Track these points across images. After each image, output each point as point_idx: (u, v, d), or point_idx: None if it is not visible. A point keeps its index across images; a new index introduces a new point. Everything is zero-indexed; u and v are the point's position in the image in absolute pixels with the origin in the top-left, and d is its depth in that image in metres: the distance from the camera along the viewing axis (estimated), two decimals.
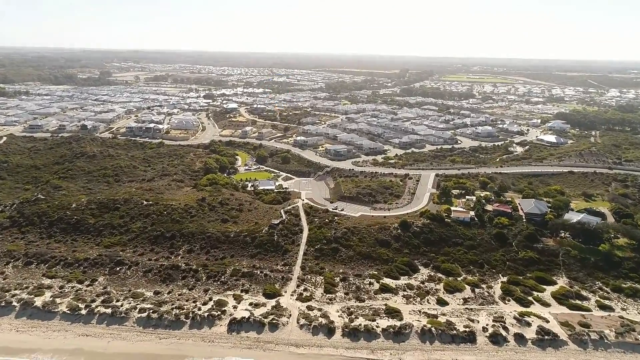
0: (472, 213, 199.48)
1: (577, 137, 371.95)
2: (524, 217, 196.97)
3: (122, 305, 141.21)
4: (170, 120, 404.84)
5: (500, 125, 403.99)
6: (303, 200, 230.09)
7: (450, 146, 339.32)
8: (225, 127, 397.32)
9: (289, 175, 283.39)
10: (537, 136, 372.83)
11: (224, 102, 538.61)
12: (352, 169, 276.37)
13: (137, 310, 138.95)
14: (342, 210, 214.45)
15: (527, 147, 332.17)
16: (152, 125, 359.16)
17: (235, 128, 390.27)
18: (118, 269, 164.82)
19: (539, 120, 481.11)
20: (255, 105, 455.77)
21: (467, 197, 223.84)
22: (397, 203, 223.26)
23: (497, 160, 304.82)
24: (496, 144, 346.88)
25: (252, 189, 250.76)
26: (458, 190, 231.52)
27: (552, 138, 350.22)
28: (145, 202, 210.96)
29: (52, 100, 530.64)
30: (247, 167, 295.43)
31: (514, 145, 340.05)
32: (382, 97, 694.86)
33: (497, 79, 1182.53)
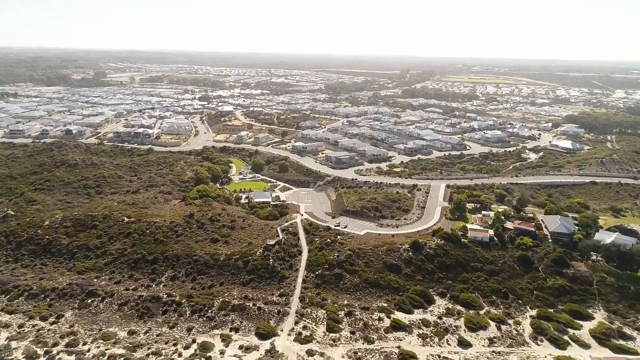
0: (490, 232, 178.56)
1: (592, 142, 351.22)
2: (549, 237, 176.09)
3: (89, 351, 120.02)
4: (161, 124, 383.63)
5: (510, 130, 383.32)
6: (302, 215, 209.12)
7: (458, 152, 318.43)
8: (219, 131, 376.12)
9: (286, 185, 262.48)
10: (550, 141, 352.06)
11: (220, 104, 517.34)
12: (355, 179, 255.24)
13: (106, 357, 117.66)
14: (346, 227, 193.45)
15: (541, 154, 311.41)
16: (141, 130, 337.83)
17: (230, 132, 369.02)
18: (90, 301, 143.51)
19: (550, 124, 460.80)
20: (251, 108, 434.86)
21: (483, 212, 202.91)
22: (406, 219, 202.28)
23: (510, 168, 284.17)
24: (507, 149, 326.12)
25: (247, 201, 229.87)
26: (472, 204, 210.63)
27: (567, 144, 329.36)
28: (126, 219, 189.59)
29: (40, 103, 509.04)
30: (241, 176, 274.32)
31: (527, 151, 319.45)
32: (384, 98, 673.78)
33: (499, 80, 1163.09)
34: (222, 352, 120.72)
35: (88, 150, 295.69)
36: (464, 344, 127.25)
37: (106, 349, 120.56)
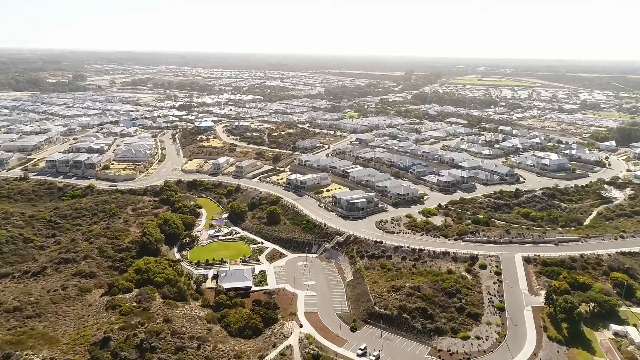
0: None
1: None
2: None
3: None
4: (118, 146, 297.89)
5: (567, 151, 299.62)
6: (301, 325, 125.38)
7: (511, 187, 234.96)
8: (193, 155, 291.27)
9: (277, 248, 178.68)
10: (627, 168, 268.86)
11: (200, 116, 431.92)
12: (380, 242, 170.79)
13: None
14: (378, 359, 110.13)
15: (629, 191, 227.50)
16: (84, 157, 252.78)
17: (205, 157, 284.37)
18: None
19: (593, 136, 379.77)
20: (236, 123, 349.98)
21: (613, 327, 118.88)
22: (478, 337, 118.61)
23: (595, 215, 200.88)
24: (576, 182, 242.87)
25: (213, 286, 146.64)
26: (586, 306, 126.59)
27: None
28: None
29: None
30: (213, 232, 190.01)
31: (605, 185, 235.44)
32: (393, 105, 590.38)
33: (510, 82, 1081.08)
34: None
35: None
36: None
37: None
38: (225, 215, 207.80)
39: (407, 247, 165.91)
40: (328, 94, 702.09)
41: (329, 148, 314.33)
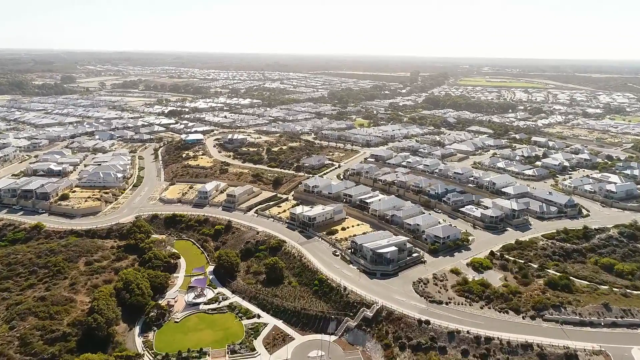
0: None
1: None
2: None
3: None
4: (84, 167, 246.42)
5: (628, 171, 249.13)
6: None
7: (575, 223, 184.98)
8: (176, 177, 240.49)
9: (280, 325, 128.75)
10: None
11: (191, 124, 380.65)
12: (426, 321, 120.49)
13: None
14: None
15: None
16: (36, 185, 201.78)
17: (191, 181, 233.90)
18: None
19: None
20: (230, 136, 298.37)
21: None
22: None
23: None
24: None
25: None
26: None
27: None
28: None
29: None
30: (192, 299, 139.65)
31: None
32: (403, 110, 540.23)
33: (521, 83, 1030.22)
34: None
35: None
36: None
37: None
38: (211, 268, 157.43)
39: (467, 332, 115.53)
40: (332, 97, 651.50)
41: (339, 167, 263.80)
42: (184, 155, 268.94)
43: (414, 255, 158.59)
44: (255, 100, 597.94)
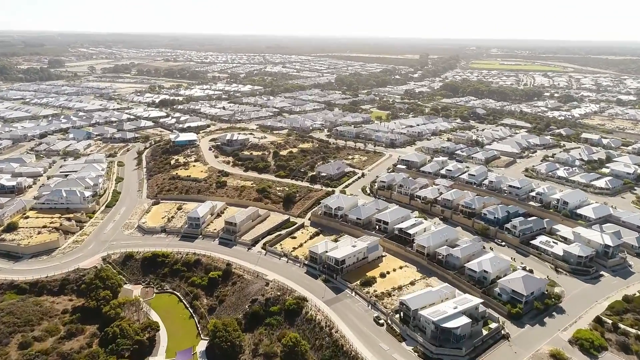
0: None
1: None
2: None
3: None
4: (45, 181, 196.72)
5: None
6: None
7: None
8: (161, 192, 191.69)
9: None
10: None
11: (183, 118, 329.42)
12: None
13: None
14: None
15: None
16: None
17: (180, 199, 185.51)
18: None
19: None
20: (229, 136, 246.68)
21: None
22: None
23: None
24: None
25: None
26: None
27: None
28: None
29: None
30: None
31: None
32: (420, 97, 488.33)
33: (537, 66, 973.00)
34: None
35: None
36: None
37: None
38: (202, 347, 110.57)
39: None
40: (340, 83, 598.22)
41: (363, 176, 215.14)
42: (172, 162, 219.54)
43: (492, 326, 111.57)
44: (257, 87, 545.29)
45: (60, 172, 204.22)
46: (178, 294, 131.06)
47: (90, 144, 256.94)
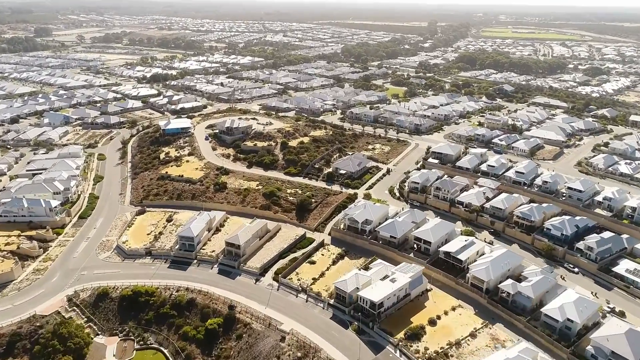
0: None
1: None
2: None
3: None
4: (7, 183, 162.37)
5: None
6: None
7: None
8: (148, 196, 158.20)
9: None
10: None
11: (176, 97, 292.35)
12: None
13: None
14: None
15: None
16: None
17: (169, 205, 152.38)
18: None
19: None
20: (228, 124, 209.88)
21: None
22: None
23: None
24: None
25: None
26: None
27: None
28: None
29: None
30: None
31: None
32: (437, 71, 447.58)
33: (552, 35, 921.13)
34: None
35: None
36: None
37: None
38: None
39: None
40: (347, 54, 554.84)
41: (388, 172, 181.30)
42: (162, 157, 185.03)
43: None
44: (257, 59, 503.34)
45: (27, 170, 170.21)
46: (165, 351, 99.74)
47: (67, 131, 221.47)
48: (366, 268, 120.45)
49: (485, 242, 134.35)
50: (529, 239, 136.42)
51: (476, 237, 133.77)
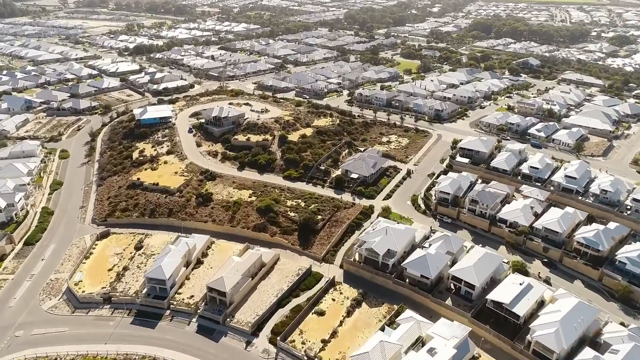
0: None
1: None
2: None
3: None
4: None
5: None
6: None
7: None
8: (115, 211, 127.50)
9: None
10: None
11: (161, 74, 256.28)
12: None
13: None
14: None
15: None
16: None
17: (141, 225, 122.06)
18: None
19: None
20: (216, 113, 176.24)
21: None
22: None
23: None
24: None
25: None
26: None
27: None
28: None
29: None
30: None
31: None
32: (449, 40, 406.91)
33: None
34: None
35: None
36: None
37: None
38: None
39: None
40: (351, 20, 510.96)
41: (409, 175, 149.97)
42: (135, 156, 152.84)
43: None
44: (253, 26, 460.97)
45: None
46: None
47: (27, 120, 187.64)
48: (391, 322, 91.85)
49: (539, 277, 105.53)
50: (595, 274, 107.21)
51: (528, 271, 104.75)
